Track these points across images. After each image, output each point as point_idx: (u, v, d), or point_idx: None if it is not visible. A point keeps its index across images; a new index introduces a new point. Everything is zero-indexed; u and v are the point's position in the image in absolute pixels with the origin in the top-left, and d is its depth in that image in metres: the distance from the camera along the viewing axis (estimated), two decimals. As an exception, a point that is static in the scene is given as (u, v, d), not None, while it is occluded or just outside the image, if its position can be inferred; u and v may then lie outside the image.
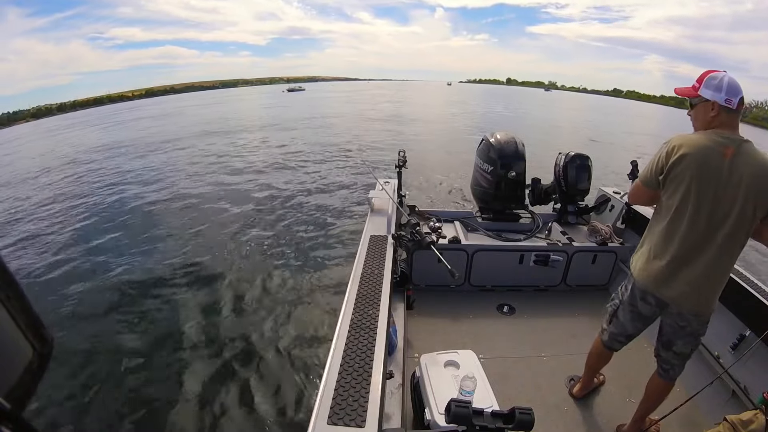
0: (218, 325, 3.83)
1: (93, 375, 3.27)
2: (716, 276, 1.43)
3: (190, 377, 3.18)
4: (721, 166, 1.32)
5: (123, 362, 3.40)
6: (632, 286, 1.60)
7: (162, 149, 14.92)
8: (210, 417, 2.80)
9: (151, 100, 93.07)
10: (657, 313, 1.57)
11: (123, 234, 6.49)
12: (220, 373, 3.21)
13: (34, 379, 0.27)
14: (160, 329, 3.85)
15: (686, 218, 1.40)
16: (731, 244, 1.38)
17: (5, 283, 0.26)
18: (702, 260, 1.40)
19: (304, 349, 3.42)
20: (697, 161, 1.35)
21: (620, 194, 3.01)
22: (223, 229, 6.32)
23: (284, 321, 3.82)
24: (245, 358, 3.36)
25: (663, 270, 1.47)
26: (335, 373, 1.11)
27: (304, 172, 9.91)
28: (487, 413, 0.94)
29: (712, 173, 1.34)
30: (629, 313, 1.64)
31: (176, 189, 9.00)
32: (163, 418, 2.82)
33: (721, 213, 1.35)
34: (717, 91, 1.36)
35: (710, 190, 1.34)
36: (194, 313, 4.05)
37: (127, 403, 2.95)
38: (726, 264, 1.41)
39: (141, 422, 2.79)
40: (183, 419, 2.80)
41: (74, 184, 10.63)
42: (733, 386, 1.86)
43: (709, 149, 1.34)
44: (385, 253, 1.83)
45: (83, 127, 32.04)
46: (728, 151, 1.32)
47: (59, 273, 5.19)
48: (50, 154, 17.36)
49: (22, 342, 0.27)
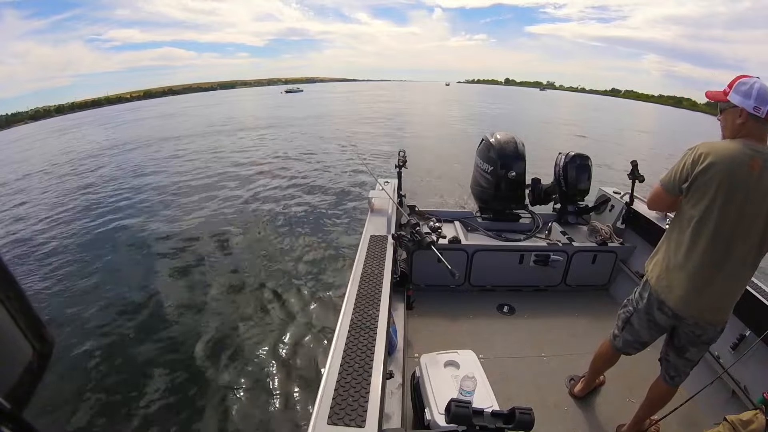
0: (217, 325, 3.82)
1: (93, 374, 3.27)
2: (736, 289, 1.41)
3: (189, 377, 3.18)
4: (748, 179, 1.27)
5: (122, 362, 3.40)
6: (648, 295, 1.54)
7: (159, 146, 14.96)
8: (210, 417, 2.80)
9: (152, 102, 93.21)
10: (674, 323, 1.52)
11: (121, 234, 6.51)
12: (220, 372, 3.20)
13: (34, 379, 0.27)
14: (160, 328, 3.84)
15: (709, 231, 1.35)
16: (752, 259, 1.35)
17: (5, 283, 0.26)
18: (722, 275, 1.37)
19: (304, 349, 3.42)
20: (724, 172, 1.29)
21: (620, 194, 3.01)
22: (224, 229, 6.32)
23: (284, 321, 3.82)
24: (245, 357, 3.35)
25: (682, 284, 1.42)
26: (335, 373, 1.11)
27: (303, 172, 9.90)
28: (487, 413, 0.94)
29: (738, 186, 1.28)
30: (645, 321, 1.59)
31: (175, 188, 9.00)
32: (162, 418, 2.82)
33: (745, 228, 1.31)
34: (746, 97, 1.30)
35: (735, 204, 1.29)
36: (193, 312, 4.04)
37: (126, 403, 2.94)
38: (746, 277, 1.40)
39: (141, 422, 2.79)
40: (182, 419, 2.80)
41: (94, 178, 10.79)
42: (733, 386, 1.86)
43: (737, 160, 1.28)
44: (385, 253, 1.83)
45: (94, 126, 32.20)
46: (756, 164, 1.26)
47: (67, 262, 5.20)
48: (71, 151, 17.58)
49: (22, 342, 0.27)
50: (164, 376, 3.21)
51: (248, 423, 2.75)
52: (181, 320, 3.95)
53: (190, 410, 2.86)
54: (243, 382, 3.09)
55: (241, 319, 3.90)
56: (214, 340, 3.61)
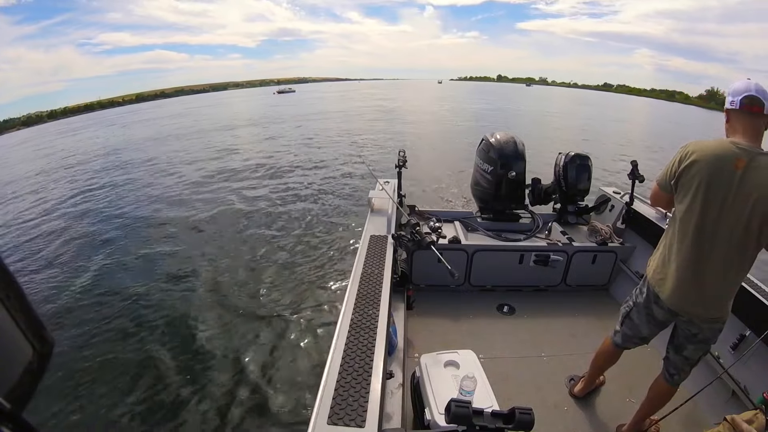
0: (216, 325, 3.83)
1: (93, 374, 3.27)
2: (724, 288, 1.40)
3: (188, 377, 3.18)
4: (732, 178, 1.28)
5: (122, 362, 3.41)
6: (647, 289, 1.58)
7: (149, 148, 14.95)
8: (210, 417, 2.80)
9: (151, 104, 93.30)
10: (670, 318, 1.55)
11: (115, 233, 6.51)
12: (219, 372, 3.21)
13: (34, 379, 0.27)
14: (159, 328, 3.84)
15: (692, 228, 1.37)
16: (738, 258, 1.34)
17: (5, 283, 0.26)
18: (707, 272, 1.37)
19: (304, 349, 3.42)
20: (705, 170, 1.31)
21: (620, 194, 3.01)
22: (223, 229, 6.33)
23: (284, 321, 3.82)
24: (245, 357, 3.35)
25: (672, 278, 1.45)
26: (335, 373, 1.11)
27: (303, 172, 9.90)
28: (487, 413, 0.94)
29: (720, 184, 1.29)
30: (644, 315, 1.62)
31: (175, 190, 9.01)
32: (162, 418, 2.82)
33: (727, 226, 1.31)
34: (729, 96, 1.34)
35: (717, 201, 1.31)
36: (192, 312, 4.04)
37: (126, 403, 2.94)
38: (734, 277, 1.38)
39: (140, 422, 2.79)
40: (182, 419, 2.80)
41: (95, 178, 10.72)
42: (733, 386, 1.86)
43: (721, 158, 1.30)
44: (385, 253, 1.83)
45: (96, 129, 32.41)
46: (740, 163, 1.27)
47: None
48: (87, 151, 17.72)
49: (22, 342, 0.27)
50: (164, 376, 3.21)
51: (248, 423, 2.75)
52: (180, 320, 3.95)
53: (190, 410, 2.86)
54: (243, 382, 3.09)
55: (240, 319, 3.89)
56: (213, 340, 3.61)
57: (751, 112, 1.32)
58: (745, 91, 1.31)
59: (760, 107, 1.30)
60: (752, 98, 1.30)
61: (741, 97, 1.32)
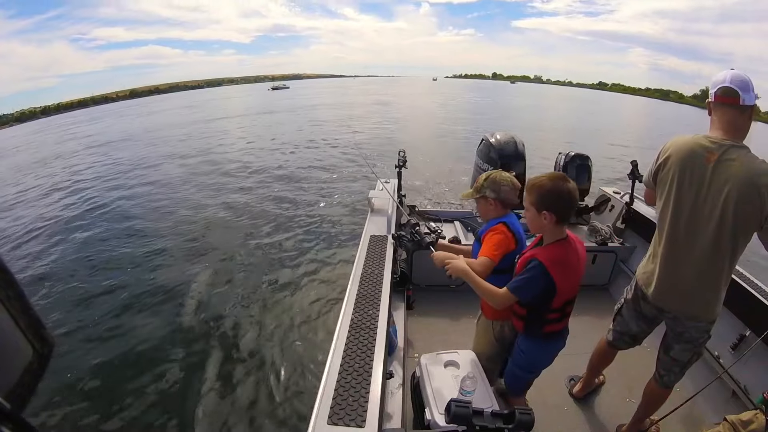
0: (216, 325, 3.82)
1: (93, 374, 3.27)
2: (706, 283, 1.36)
3: (188, 377, 3.18)
4: (704, 172, 1.28)
5: (121, 361, 3.40)
6: (635, 285, 1.60)
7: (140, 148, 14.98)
8: (210, 417, 2.80)
9: (156, 97, 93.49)
10: (657, 315, 1.55)
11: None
12: (219, 372, 3.20)
13: (34, 379, 0.27)
14: (159, 328, 3.84)
15: (668, 224, 1.38)
16: (716, 252, 1.31)
17: (5, 283, 0.26)
18: (686, 266, 1.37)
19: (304, 349, 3.42)
20: (677, 165, 1.33)
21: (620, 194, 3.01)
22: (223, 229, 6.32)
23: (284, 321, 3.81)
24: (244, 358, 3.35)
25: (655, 273, 1.46)
26: (335, 373, 1.11)
27: (303, 172, 9.88)
28: (487, 413, 0.94)
29: (693, 179, 1.30)
30: (632, 311, 1.64)
31: (173, 196, 9.01)
32: (161, 418, 2.81)
33: (702, 220, 1.30)
34: (710, 89, 1.34)
35: (690, 196, 1.31)
36: (191, 312, 4.04)
37: (125, 402, 2.94)
38: (714, 272, 1.35)
39: (140, 422, 2.79)
40: (182, 419, 2.80)
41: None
42: (733, 386, 1.86)
43: (693, 154, 1.30)
44: (385, 253, 1.83)
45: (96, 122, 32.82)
46: (711, 157, 1.27)
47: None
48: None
49: (23, 342, 0.27)
50: (163, 376, 3.21)
51: (248, 423, 2.75)
52: (179, 320, 3.95)
53: (190, 410, 2.85)
54: (242, 382, 3.09)
55: (240, 319, 3.89)
56: (213, 340, 3.60)
57: (723, 104, 1.30)
58: (722, 83, 1.30)
59: (734, 98, 1.27)
60: (725, 89, 1.29)
61: (716, 88, 1.31)
